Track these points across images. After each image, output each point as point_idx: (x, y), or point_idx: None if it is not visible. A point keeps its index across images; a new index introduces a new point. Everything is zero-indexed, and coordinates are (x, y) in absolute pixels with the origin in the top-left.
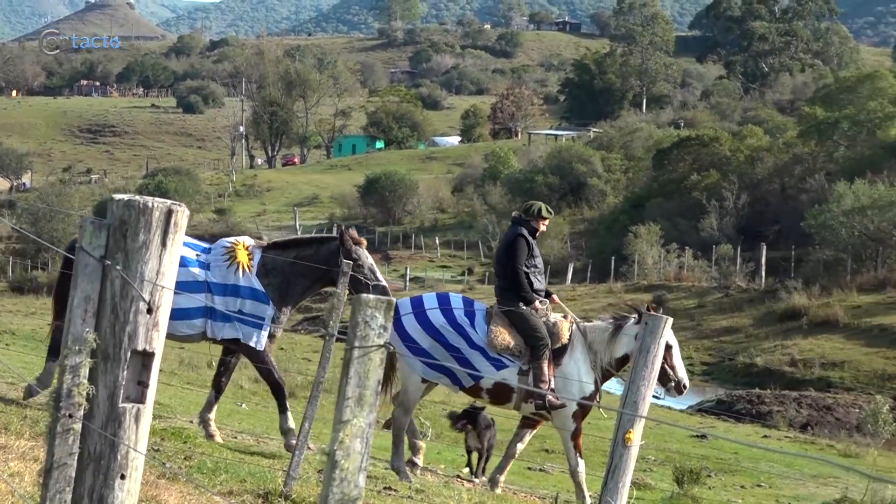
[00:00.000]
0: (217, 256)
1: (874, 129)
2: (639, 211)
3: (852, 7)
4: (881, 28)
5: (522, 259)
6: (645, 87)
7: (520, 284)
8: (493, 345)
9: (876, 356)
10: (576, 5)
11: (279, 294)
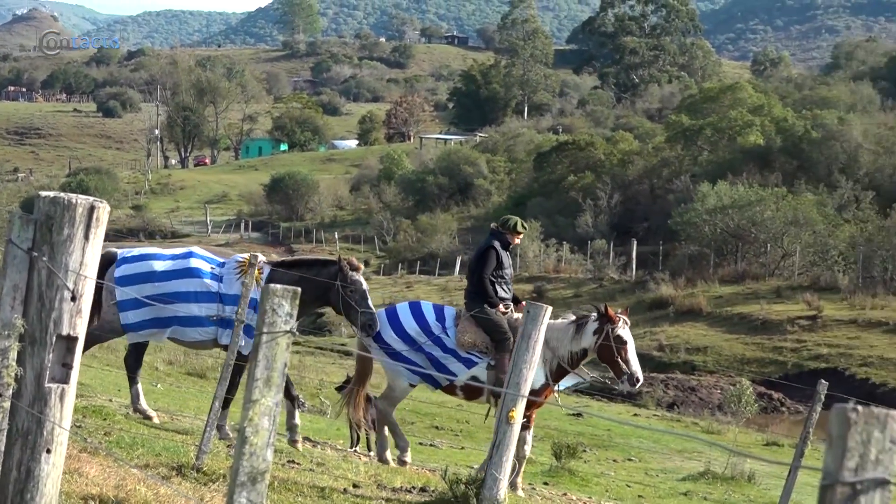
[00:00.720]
0: (229, 270)
1: (734, 135)
2: (521, 209)
3: (715, 24)
4: (741, 44)
5: (489, 269)
6: (526, 96)
7: (485, 291)
8: (460, 343)
9: (735, 342)
10: (463, 21)
11: None
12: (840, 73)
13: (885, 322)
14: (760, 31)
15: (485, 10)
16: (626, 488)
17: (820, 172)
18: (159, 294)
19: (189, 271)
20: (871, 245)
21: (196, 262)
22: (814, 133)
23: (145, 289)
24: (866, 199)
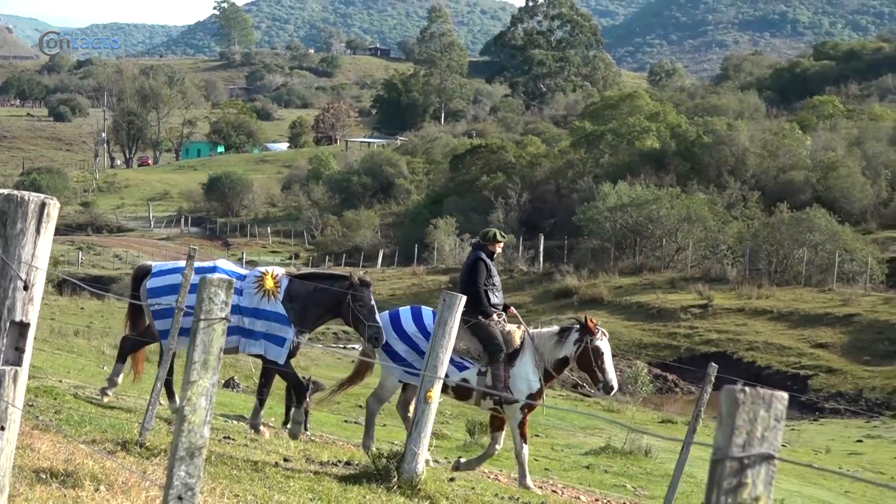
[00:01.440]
0: (249, 284)
1: (633, 140)
2: (438, 206)
3: (615, 38)
4: (639, 56)
5: (482, 280)
6: (443, 103)
7: (480, 301)
8: (456, 349)
9: (634, 328)
10: (385, 34)
11: (298, 318)
12: (729, 83)
13: (770, 310)
14: (656, 44)
15: (405, 24)
16: (534, 462)
17: (710, 174)
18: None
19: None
20: (757, 240)
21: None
22: (705, 138)
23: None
24: (753, 199)
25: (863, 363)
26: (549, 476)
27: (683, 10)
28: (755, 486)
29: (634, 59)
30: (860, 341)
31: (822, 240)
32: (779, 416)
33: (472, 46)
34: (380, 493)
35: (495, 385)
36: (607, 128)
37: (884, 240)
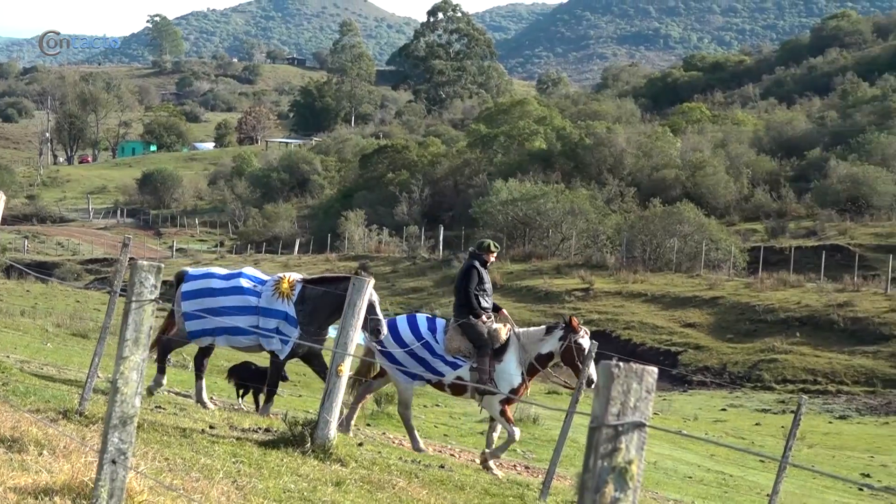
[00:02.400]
0: (268, 287)
1: (523, 141)
2: (348, 200)
3: (507, 51)
4: (528, 67)
5: (473, 285)
6: (353, 108)
7: (470, 303)
8: (448, 349)
9: (524, 309)
10: (302, 45)
11: (307, 319)
12: (608, 91)
13: (644, 293)
14: (544, 56)
15: (319, 37)
16: (434, 428)
17: (592, 172)
18: (213, 307)
19: (236, 289)
20: (633, 231)
21: (243, 282)
22: (587, 140)
23: (205, 302)
24: (629, 194)
25: (726, 341)
26: (447, 441)
27: (568, 26)
28: (628, 451)
29: (524, 69)
30: (724, 321)
31: (690, 231)
32: (650, 388)
33: (380, 57)
34: (296, 457)
35: (480, 377)
36: (500, 130)
37: (745, 231)
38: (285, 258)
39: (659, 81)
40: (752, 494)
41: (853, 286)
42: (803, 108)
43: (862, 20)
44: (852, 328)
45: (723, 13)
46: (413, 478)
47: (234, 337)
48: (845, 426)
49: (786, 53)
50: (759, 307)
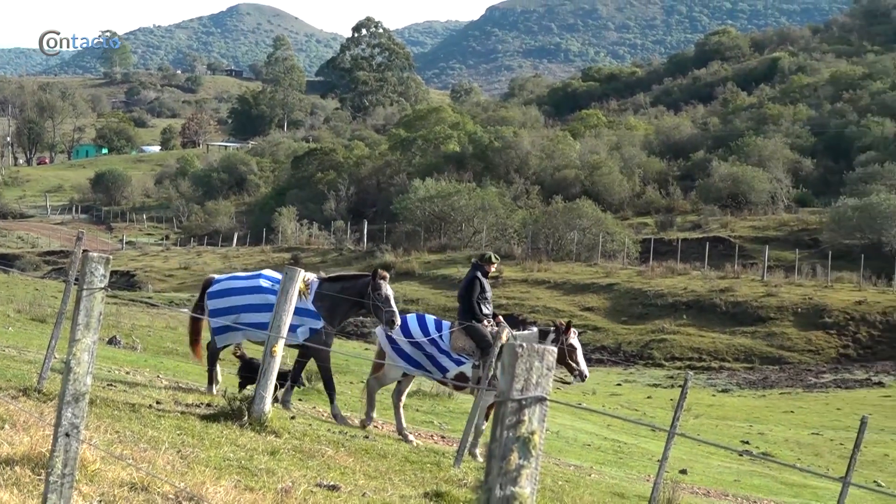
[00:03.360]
0: None
1: (439, 144)
2: (281, 197)
3: (424, 63)
4: (443, 77)
5: (475, 294)
6: (286, 114)
7: (473, 311)
8: (454, 347)
9: (440, 295)
10: (239, 58)
11: (328, 313)
12: (514, 99)
13: (548, 281)
14: (457, 68)
15: (255, 51)
16: (358, 403)
17: (500, 172)
18: (235, 305)
19: (256, 288)
20: (537, 225)
21: (262, 282)
22: (496, 143)
23: (228, 301)
24: (534, 192)
25: (621, 323)
26: None
27: (478, 41)
28: (531, 423)
29: (439, 80)
30: (619, 305)
31: (588, 225)
32: (550, 366)
33: (309, 69)
34: (234, 429)
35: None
36: (418, 135)
37: (637, 225)
38: (225, 250)
39: (560, 91)
40: (644, 460)
41: (733, 274)
42: (689, 115)
43: (740, 36)
44: (733, 311)
45: (617, 30)
46: (340, 447)
47: (254, 332)
48: (727, 399)
49: (673, 66)
50: (649, 293)
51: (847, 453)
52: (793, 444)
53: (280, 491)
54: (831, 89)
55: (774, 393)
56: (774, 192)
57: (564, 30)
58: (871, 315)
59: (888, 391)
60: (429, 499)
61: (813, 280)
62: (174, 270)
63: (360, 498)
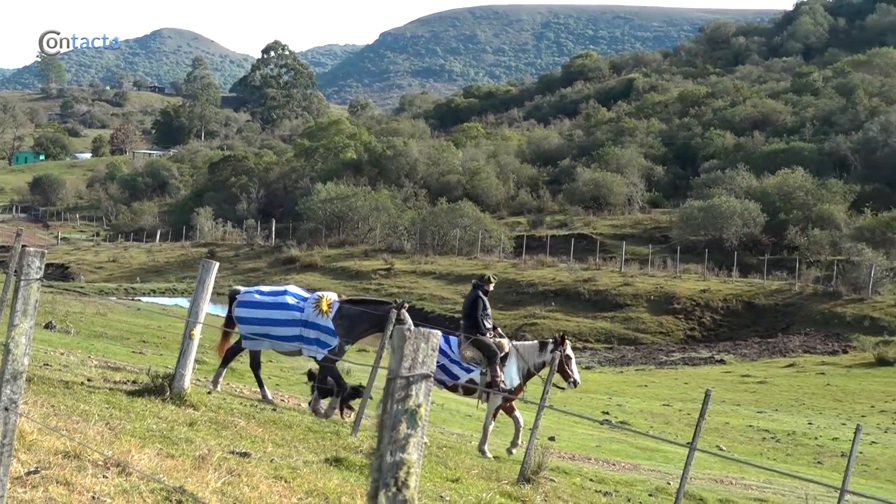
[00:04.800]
0: (310, 304)
1: (338, 152)
2: (199, 199)
3: (325, 81)
4: (342, 94)
5: (479, 311)
6: (203, 126)
7: (478, 326)
8: (463, 357)
9: (339, 285)
10: (162, 76)
11: (346, 331)
12: (405, 113)
13: (434, 272)
14: (354, 86)
15: (176, 70)
16: (268, 379)
17: (392, 177)
18: (263, 318)
19: (281, 304)
20: (425, 223)
21: (287, 298)
22: (388, 152)
23: (256, 313)
24: (421, 194)
25: (497, 309)
26: (279, 389)
27: (373, 62)
28: (418, 397)
29: (339, 96)
30: (496, 293)
31: (469, 223)
32: (434, 348)
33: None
34: (157, 403)
35: (494, 380)
36: (320, 144)
37: (512, 223)
38: (149, 245)
39: (444, 106)
40: None
41: (595, 266)
42: (556, 128)
43: (601, 59)
44: (595, 299)
45: (494, 53)
46: (251, 419)
47: (279, 343)
48: (590, 375)
49: (542, 85)
50: (522, 282)
51: (693, 422)
52: (647, 414)
53: (197, 458)
54: (679, 106)
55: (630, 370)
56: (630, 195)
57: (448, 53)
58: (713, 302)
59: (728, 367)
60: (329, 464)
61: (664, 271)
62: (104, 263)
63: (268, 463)
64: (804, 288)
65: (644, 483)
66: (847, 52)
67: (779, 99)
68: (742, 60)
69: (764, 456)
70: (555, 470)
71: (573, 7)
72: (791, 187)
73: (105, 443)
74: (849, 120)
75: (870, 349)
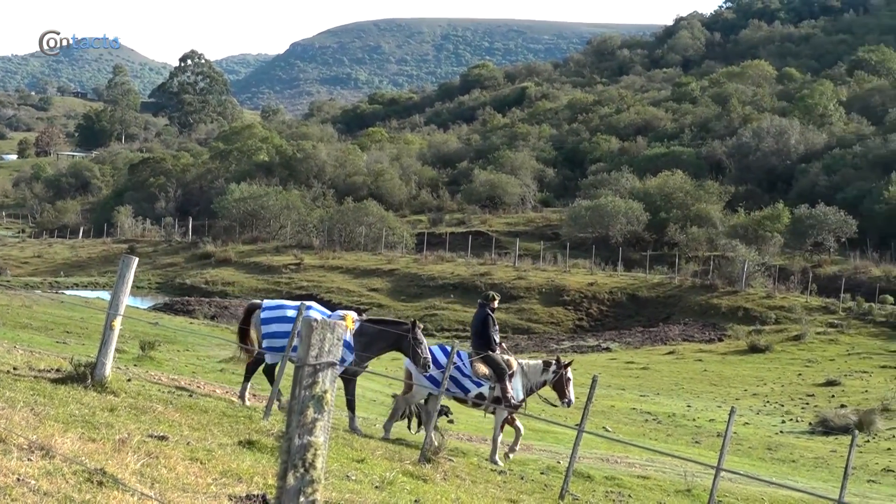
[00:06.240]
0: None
1: (251, 155)
2: (120, 198)
3: (239, 88)
4: (255, 100)
5: (491, 328)
6: (124, 129)
7: (490, 342)
8: (476, 373)
9: (252, 279)
10: (84, 82)
11: (364, 348)
12: (314, 119)
13: (341, 267)
14: (266, 93)
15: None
16: (185, 367)
17: (302, 177)
18: (286, 331)
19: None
20: (332, 221)
21: (312, 314)
22: (298, 154)
23: (280, 326)
24: (329, 194)
25: (400, 301)
26: (195, 376)
27: (284, 70)
28: (324, 383)
29: (252, 102)
30: (399, 286)
31: (374, 221)
32: (340, 337)
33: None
34: (79, 390)
35: (504, 395)
36: (234, 147)
37: (413, 221)
38: (72, 242)
39: (350, 112)
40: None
41: (491, 261)
42: (455, 132)
43: (496, 69)
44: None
45: (397, 63)
46: (168, 404)
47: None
48: None
49: (442, 92)
50: (423, 276)
51: (581, 405)
52: (537, 399)
53: (117, 441)
54: (569, 113)
55: (523, 356)
56: (524, 195)
57: (354, 62)
58: (600, 294)
59: (614, 355)
60: (242, 446)
61: (554, 266)
62: (29, 258)
63: (185, 446)
64: (683, 281)
65: (536, 462)
66: (722, 64)
67: (660, 107)
68: (626, 71)
69: (646, 436)
70: (454, 451)
71: (471, 21)
72: (671, 188)
73: (30, 428)
74: (724, 126)
75: (743, 338)
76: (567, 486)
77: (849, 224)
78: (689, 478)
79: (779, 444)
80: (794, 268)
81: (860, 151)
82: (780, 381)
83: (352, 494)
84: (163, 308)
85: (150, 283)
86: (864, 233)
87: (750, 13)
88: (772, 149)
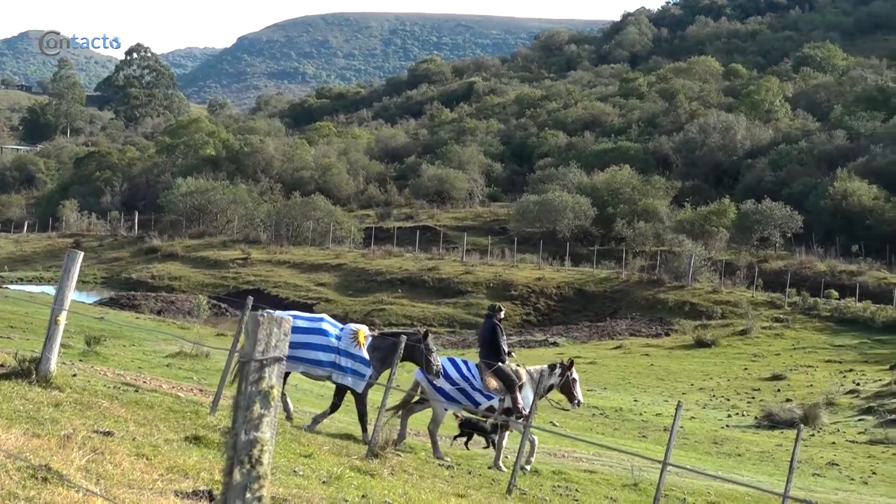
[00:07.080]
0: (347, 334)
1: (198, 149)
2: (65, 192)
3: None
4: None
5: (501, 338)
6: (69, 123)
7: (501, 352)
8: (486, 386)
9: (199, 273)
10: (29, 75)
11: (380, 363)
12: (261, 113)
13: (288, 261)
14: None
15: (43, 70)
16: (131, 362)
17: (249, 172)
18: (301, 342)
19: (320, 330)
20: (280, 216)
21: (325, 325)
22: (245, 149)
23: (296, 337)
24: (276, 189)
25: (348, 295)
26: (141, 371)
27: (231, 64)
28: (270, 379)
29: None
30: (346, 281)
31: (321, 215)
32: (286, 332)
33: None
34: (24, 385)
35: (515, 406)
36: (180, 141)
37: (361, 216)
38: (17, 236)
39: (298, 106)
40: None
41: (439, 255)
42: (403, 127)
43: (444, 64)
44: (438, 286)
45: (345, 57)
46: (114, 400)
47: (313, 367)
48: None
49: (390, 87)
50: (371, 271)
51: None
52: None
53: (63, 437)
54: (516, 108)
55: (472, 352)
56: (471, 190)
57: (302, 56)
58: (547, 289)
59: (561, 349)
60: (189, 442)
61: (502, 261)
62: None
63: (131, 442)
64: (630, 276)
65: (484, 457)
66: (669, 60)
67: (607, 102)
68: (574, 66)
69: (593, 431)
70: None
71: (418, 15)
72: (618, 183)
73: None
74: (671, 122)
75: (689, 332)
76: (514, 480)
77: (794, 219)
78: (636, 472)
79: (725, 438)
80: (740, 263)
81: (806, 147)
82: (726, 376)
83: (299, 490)
84: (108, 303)
85: (95, 277)
86: (809, 228)
87: (697, 9)
88: (718, 144)
